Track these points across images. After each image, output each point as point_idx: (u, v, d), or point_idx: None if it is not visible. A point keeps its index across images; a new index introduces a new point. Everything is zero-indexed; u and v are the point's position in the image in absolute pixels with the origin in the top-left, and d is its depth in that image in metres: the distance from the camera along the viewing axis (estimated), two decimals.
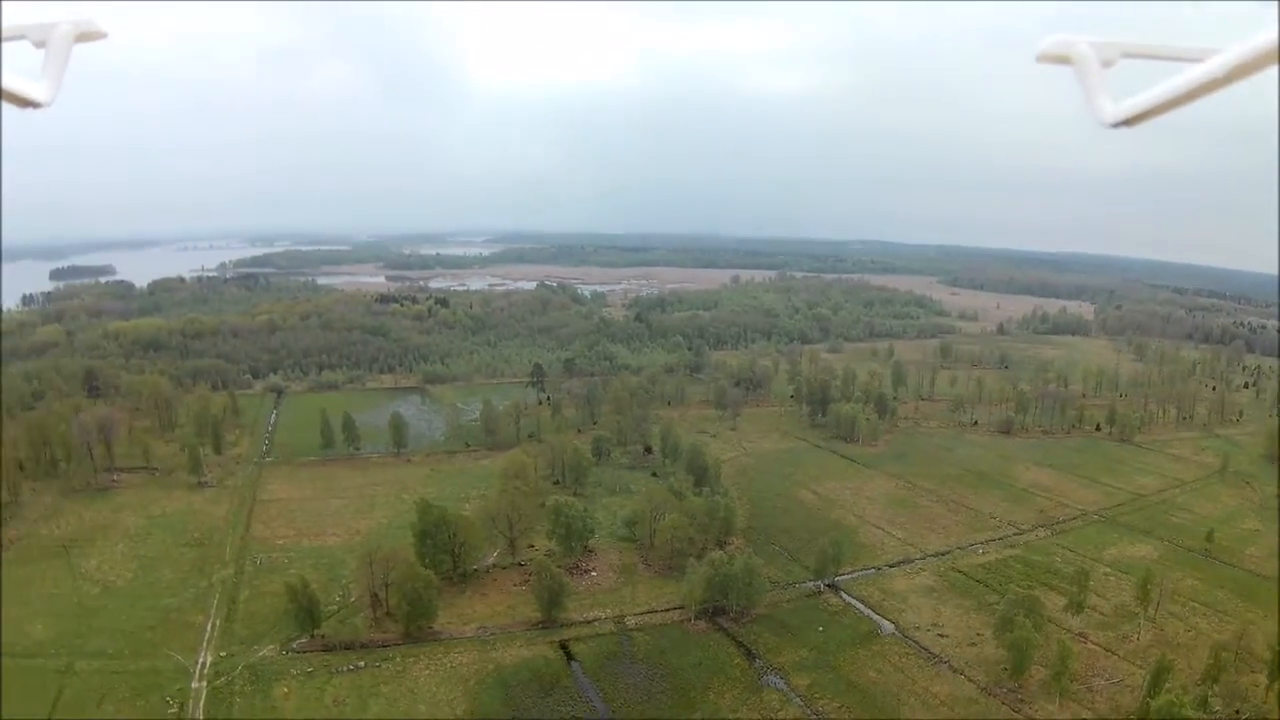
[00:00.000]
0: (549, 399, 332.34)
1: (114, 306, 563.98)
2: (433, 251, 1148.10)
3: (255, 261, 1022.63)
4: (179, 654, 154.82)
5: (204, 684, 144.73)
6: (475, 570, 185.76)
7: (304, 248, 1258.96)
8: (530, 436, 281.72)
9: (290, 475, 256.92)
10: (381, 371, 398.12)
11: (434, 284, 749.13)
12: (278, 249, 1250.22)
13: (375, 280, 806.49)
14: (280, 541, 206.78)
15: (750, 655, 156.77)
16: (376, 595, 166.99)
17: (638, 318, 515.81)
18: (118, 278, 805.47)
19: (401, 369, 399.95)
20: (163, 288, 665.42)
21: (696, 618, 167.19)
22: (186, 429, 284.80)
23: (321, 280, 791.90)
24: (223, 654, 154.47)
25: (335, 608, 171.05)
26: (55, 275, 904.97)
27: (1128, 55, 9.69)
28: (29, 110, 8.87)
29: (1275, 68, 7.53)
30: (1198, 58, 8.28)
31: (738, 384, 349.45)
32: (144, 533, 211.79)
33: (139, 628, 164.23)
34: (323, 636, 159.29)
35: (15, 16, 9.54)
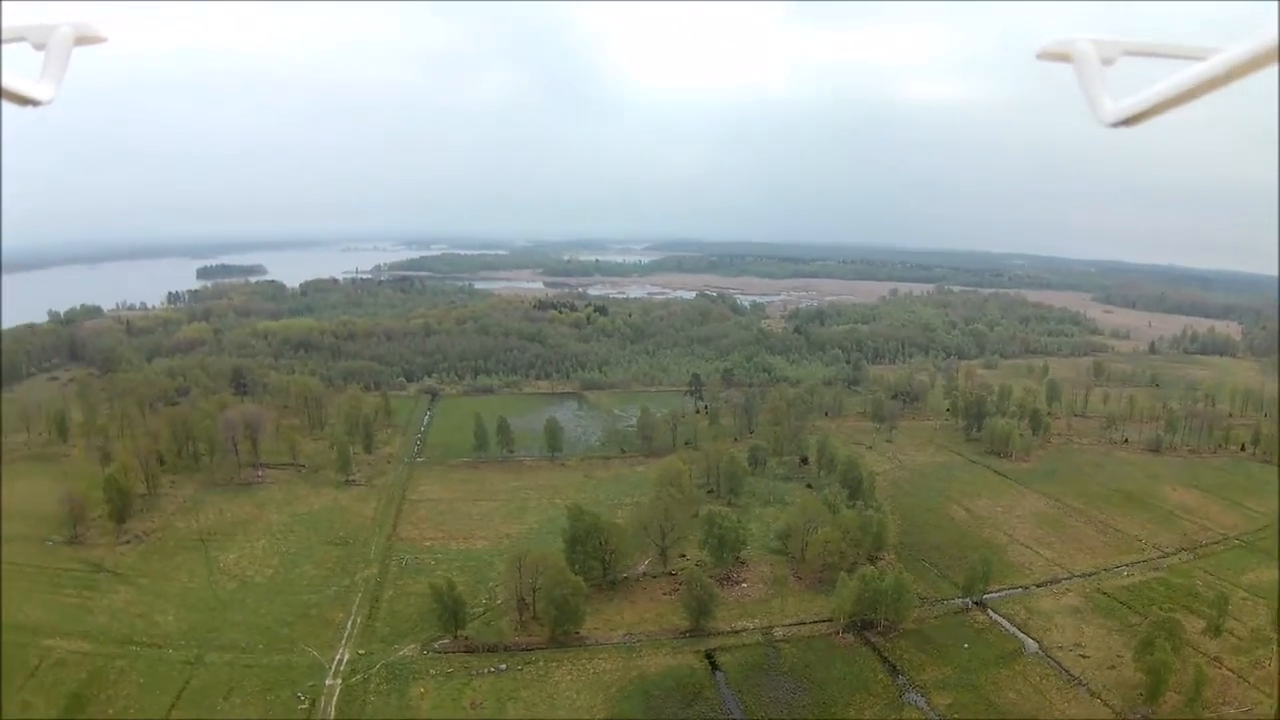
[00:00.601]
0: (706, 408, 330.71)
1: (264, 306, 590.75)
2: (592, 258, 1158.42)
3: (411, 265, 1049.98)
4: (315, 650, 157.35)
5: (338, 681, 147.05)
6: (625, 578, 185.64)
7: (461, 252, 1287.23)
8: (687, 444, 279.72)
9: (441, 476, 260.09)
10: (538, 378, 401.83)
11: (593, 291, 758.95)
12: (434, 252, 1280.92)
13: (533, 286, 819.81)
14: (427, 542, 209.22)
15: (894, 671, 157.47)
16: (523, 599, 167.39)
17: (796, 330, 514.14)
18: (268, 278, 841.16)
19: (558, 375, 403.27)
20: (315, 288, 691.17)
21: (844, 631, 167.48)
22: (336, 427, 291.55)
23: (479, 285, 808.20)
24: (361, 652, 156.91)
25: (481, 610, 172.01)
26: (203, 274, 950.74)
27: (1128, 54, 10.21)
28: (29, 107, 9.06)
29: (1275, 67, 7.74)
30: (1198, 56, 8.60)
31: (894, 397, 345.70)
32: (287, 529, 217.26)
33: (275, 623, 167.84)
34: (466, 638, 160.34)
35: (15, 17, 9.93)
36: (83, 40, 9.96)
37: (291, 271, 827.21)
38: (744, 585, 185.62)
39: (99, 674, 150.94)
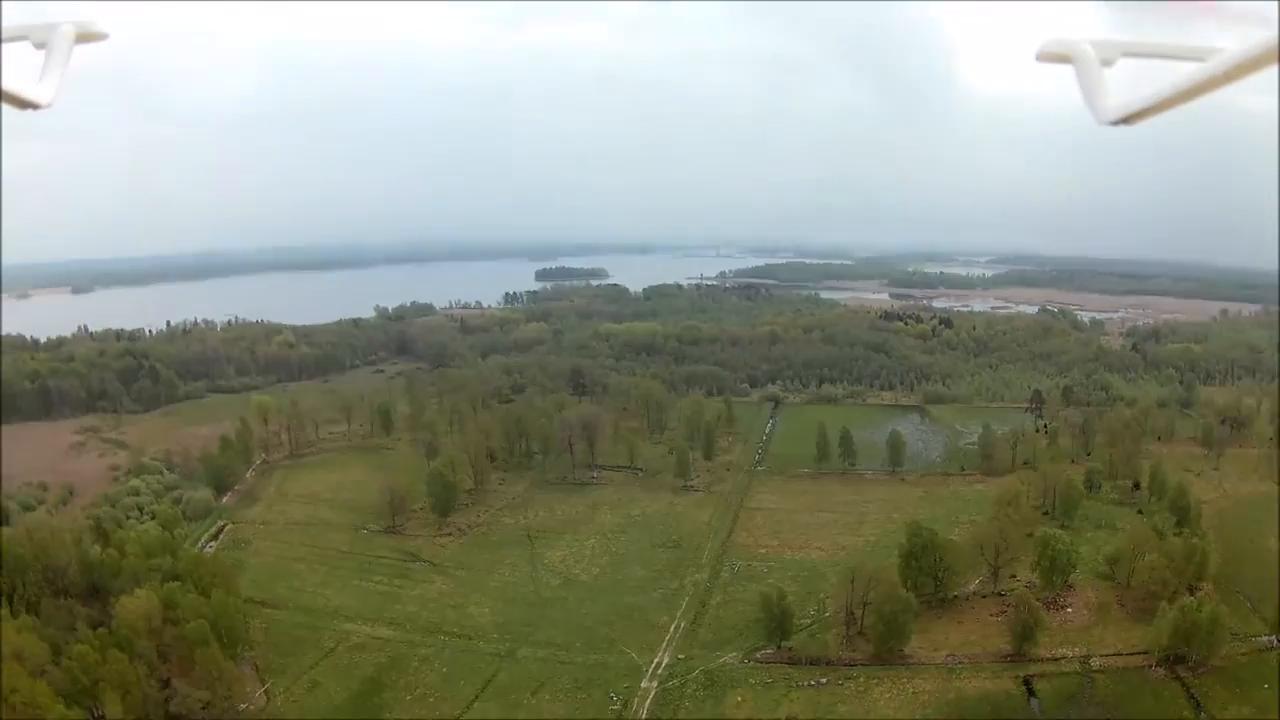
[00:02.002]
0: (1046, 426, 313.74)
1: (606, 309, 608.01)
2: (936, 270, 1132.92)
3: (755, 272, 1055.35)
4: (634, 652, 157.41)
5: (654, 684, 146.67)
6: (955, 596, 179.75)
7: (806, 260, 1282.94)
8: (1025, 464, 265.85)
9: (781, 486, 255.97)
10: (882, 388, 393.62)
11: (937, 303, 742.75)
12: (779, 261, 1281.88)
13: (878, 297, 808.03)
14: (761, 550, 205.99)
15: (1198, 707, 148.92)
16: (852, 613, 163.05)
17: (1134, 348, 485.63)
18: (610, 281, 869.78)
19: (902, 387, 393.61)
20: (659, 293, 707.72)
21: (1157, 664, 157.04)
22: (677, 432, 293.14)
23: (824, 294, 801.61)
24: (681, 656, 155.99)
25: (808, 622, 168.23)
26: (541, 275, 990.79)
27: (1128, 54, 10.21)
28: (29, 111, 9.18)
29: (1275, 67, 7.81)
30: (1198, 57, 8.84)
31: (1223, 422, 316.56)
32: (619, 530, 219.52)
33: (596, 622, 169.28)
34: (790, 649, 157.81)
35: (15, 17, 10.00)
36: (84, 38, 9.87)
37: (634, 276, 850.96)
38: (1068, 610, 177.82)
39: (400, 660, 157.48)
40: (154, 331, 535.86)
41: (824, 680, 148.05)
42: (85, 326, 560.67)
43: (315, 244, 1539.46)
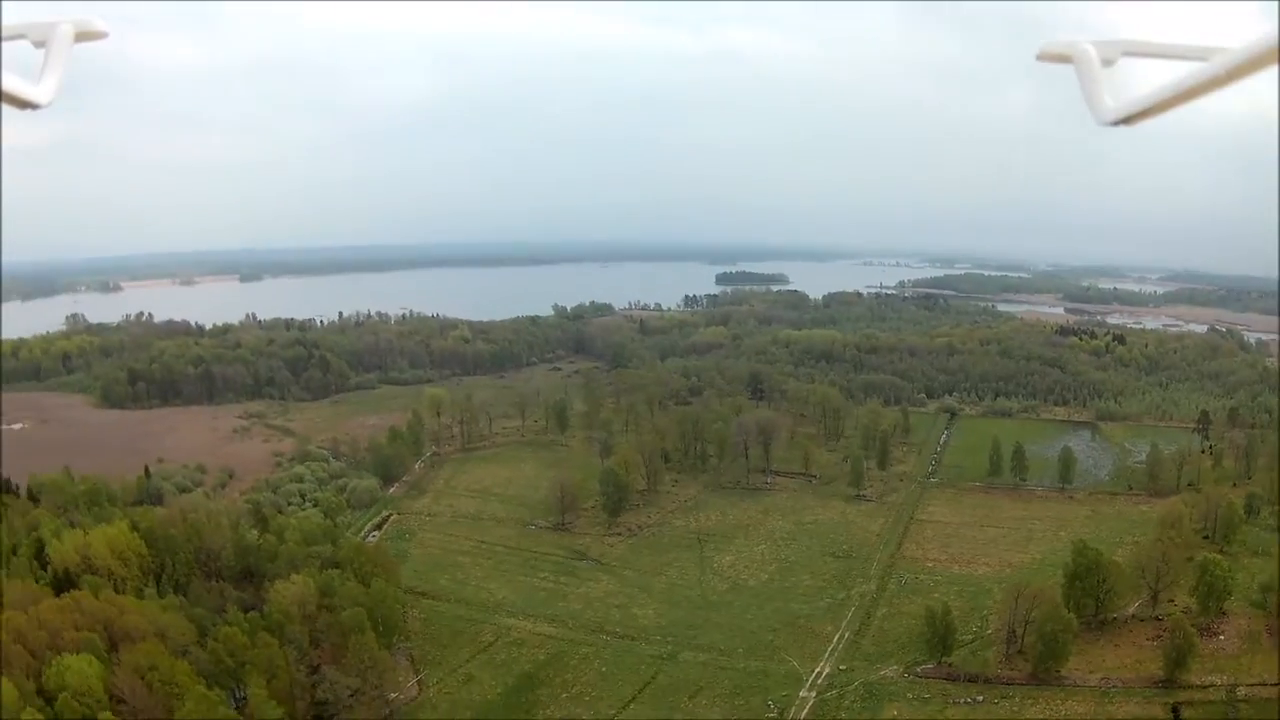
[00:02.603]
0: (1211, 448, 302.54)
1: (785, 315, 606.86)
2: (1110, 286, 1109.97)
3: (934, 282, 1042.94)
4: (796, 661, 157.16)
5: (813, 694, 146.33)
6: (1114, 619, 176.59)
7: (985, 272, 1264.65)
8: (1189, 485, 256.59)
9: (952, 499, 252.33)
10: (1055, 403, 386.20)
11: (1111, 320, 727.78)
12: (958, 271, 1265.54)
13: (1054, 311, 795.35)
14: (929, 564, 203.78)
15: None
16: (1014, 631, 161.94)
17: None
18: (790, 287, 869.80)
19: (1075, 402, 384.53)
20: (839, 301, 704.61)
21: None
22: (852, 440, 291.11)
23: (1001, 307, 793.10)
24: (842, 667, 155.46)
25: (970, 638, 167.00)
26: (722, 279, 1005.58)
27: (1129, 54, 10.27)
28: (28, 111, 9.21)
29: (1275, 68, 7.78)
30: (1199, 56, 8.79)
31: None
32: (789, 537, 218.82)
33: (760, 629, 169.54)
34: (949, 665, 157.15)
35: (15, 16, 10.01)
36: (83, 37, 9.88)
37: (813, 282, 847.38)
38: (1221, 638, 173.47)
39: (559, 657, 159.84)
40: (325, 322, 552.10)
41: (980, 698, 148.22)
42: (253, 314, 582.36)
43: (487, 241, 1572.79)
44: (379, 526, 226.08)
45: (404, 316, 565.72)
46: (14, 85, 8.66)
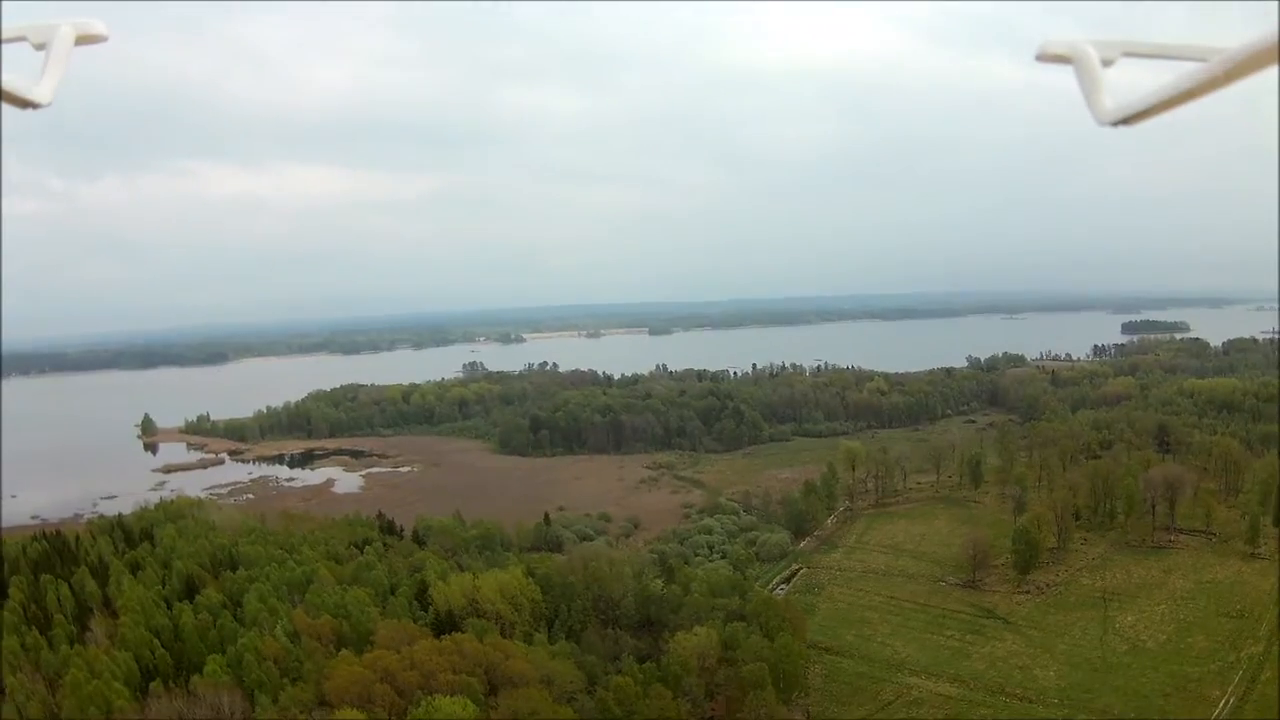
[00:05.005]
0: None
1: (1189, 364, 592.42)
2: None
3: None
4: None
5: None
6: None
7: None
8: None
9: None
10: None
11: None
12: None
13: None
14: None
15: None
16: None
17: None
18: (1191, 335, 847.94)
19: None
20: (1236, 348, 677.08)
21: None
22: (1249, 495, 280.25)
23: None
24: None
25: None
26: (1127, 329, 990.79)
27: (1128, 54, 10.29)
28: (29, 110, 9.59)
29: (1275, 67, 7.93)
30: (1199, 56, 8.82)
31: None
32: (1188, 597, 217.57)
33: (1153, 693, 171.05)
34: None
35: (15, 17, 10.41)
36: (83, 39, 10.38)
37: (1214, 328, 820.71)
38: None
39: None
40: (738, 374, 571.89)
41: None
42: (663, 365, 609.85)
43: (889, 293, 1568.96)
44: (787, 580, 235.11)
45: (818, 368, 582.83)
46: (14, 85, 9.14)
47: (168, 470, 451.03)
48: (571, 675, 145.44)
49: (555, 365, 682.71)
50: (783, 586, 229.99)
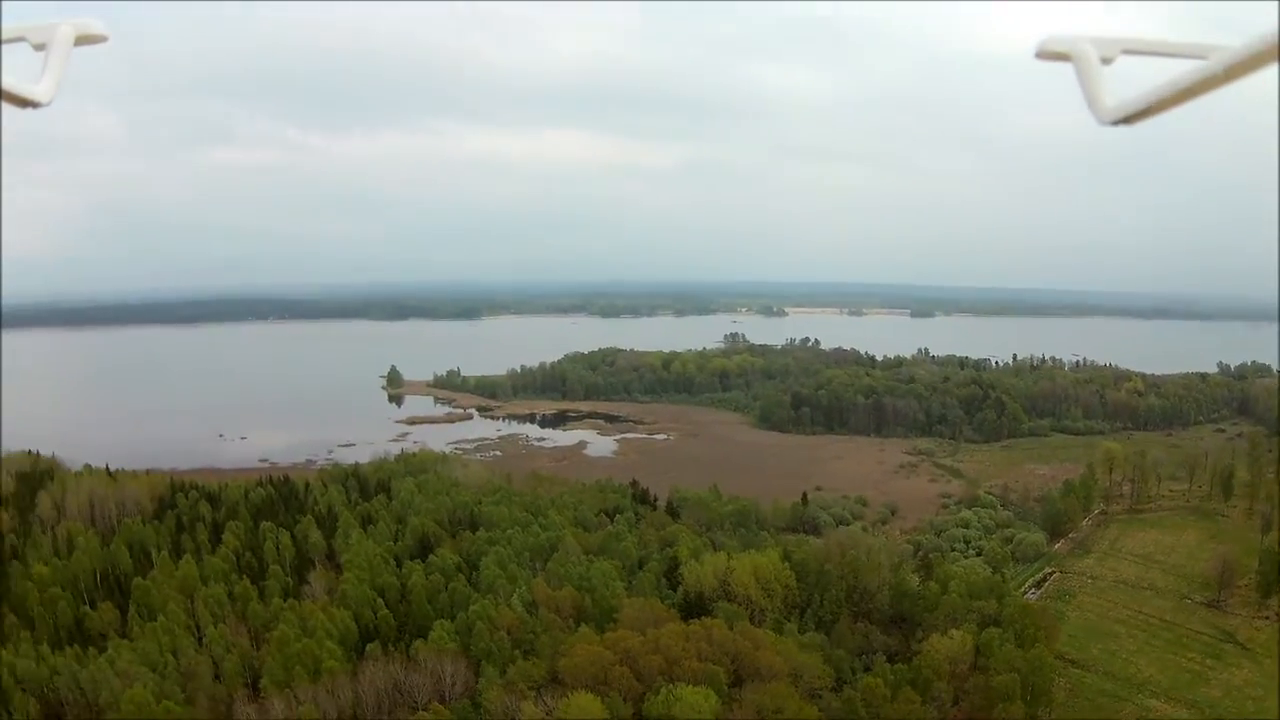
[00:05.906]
0: None
1: None
2: None
3: None
4: None
5: None
6: None
7: None
8: None
9: None
10: None
11: None
12: None
13: None
14: None
15: None
16: None
17: None
18: None
19: None
20: None
21: None
22: None
23: None
24: None
25: None
26: None
27: (1128, 52, 10.33)
28: (28, 110, 9.60)
29: (1275, 67, 7.94)
30: (1199, 55, 8.91)
31: None
32: None
33: None
34: None
35: (15, 17, 10.40)
36: (83, 40, 10.38)
37: None
38: None
39: None
40: (999, 363, 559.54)
41: None
42: (926, 349, 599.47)
43: (1141, 291, 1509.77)
44: (1039, 584, 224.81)
45: (1078, 364, 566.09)
46: (14, 84, 9.15)
47: (412, 422, 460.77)
48: (820, 670, 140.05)
49: (817, 341, 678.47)
50: (1034, 590, 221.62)
